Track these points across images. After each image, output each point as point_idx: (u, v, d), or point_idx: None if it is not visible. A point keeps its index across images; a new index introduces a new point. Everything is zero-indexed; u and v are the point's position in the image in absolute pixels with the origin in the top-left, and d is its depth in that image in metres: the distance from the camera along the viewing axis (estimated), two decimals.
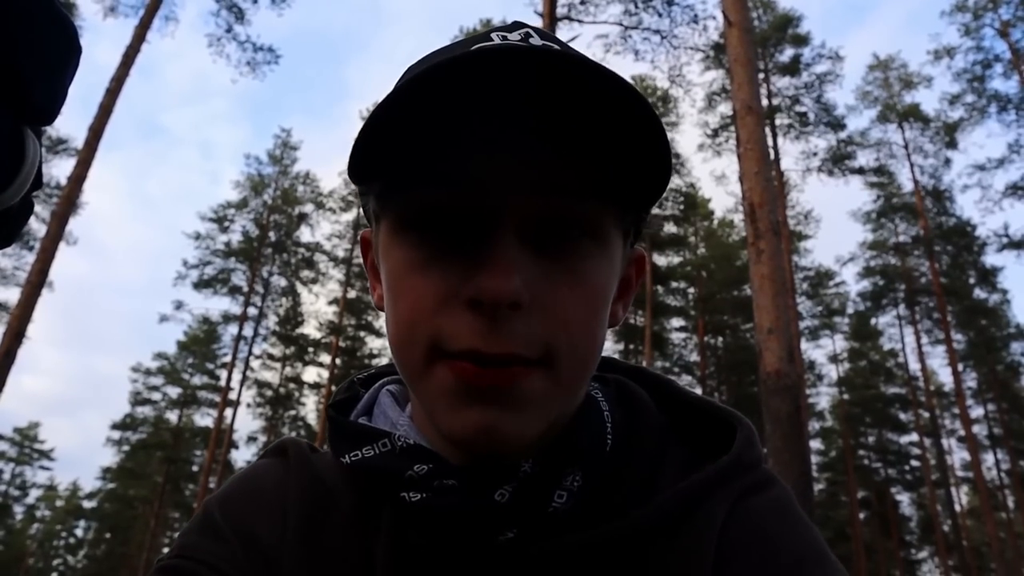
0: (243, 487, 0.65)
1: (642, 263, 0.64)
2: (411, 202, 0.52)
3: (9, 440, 48.28)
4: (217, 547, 0.59)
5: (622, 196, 0.53)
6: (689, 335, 32.75)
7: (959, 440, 33.02)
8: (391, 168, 0.52)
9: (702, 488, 0.55)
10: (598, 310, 0.53)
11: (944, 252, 29.92)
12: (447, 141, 0.49)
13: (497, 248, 0.49)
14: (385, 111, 0.46)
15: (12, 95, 0.36)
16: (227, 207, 33.12)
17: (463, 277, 0.49)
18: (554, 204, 0.50)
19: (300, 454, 0.66)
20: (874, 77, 31.52)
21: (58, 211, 14.77)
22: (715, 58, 23.71)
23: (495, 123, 0.49)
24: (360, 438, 0.59)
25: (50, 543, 54.86)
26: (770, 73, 27.34)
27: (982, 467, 27.80)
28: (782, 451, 7.21)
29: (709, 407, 0.65)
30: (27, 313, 13.51)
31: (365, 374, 0.74)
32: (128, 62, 15.74)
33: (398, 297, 0.53)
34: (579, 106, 0.47)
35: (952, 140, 28.52)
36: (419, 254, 0.52)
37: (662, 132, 0.47)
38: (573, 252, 0.51)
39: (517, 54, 0.45)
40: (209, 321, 34.04)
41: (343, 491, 0.61)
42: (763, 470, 0.59)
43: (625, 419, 0.61)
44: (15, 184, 0.39)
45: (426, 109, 0.47)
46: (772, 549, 0.52)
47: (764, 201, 8.49)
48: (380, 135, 0.48)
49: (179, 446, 36.25)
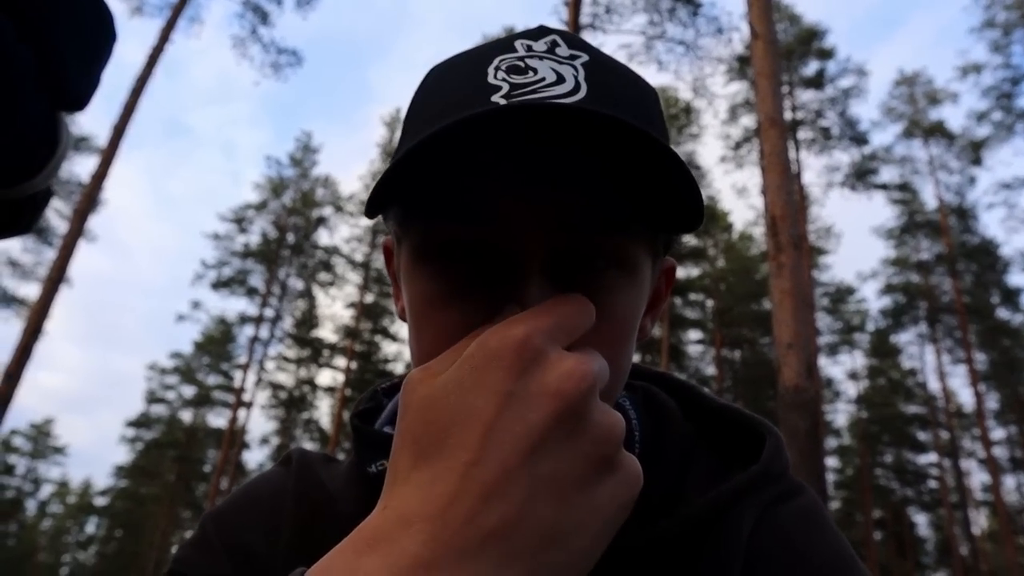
0: (240, 499, 0.66)
1: (671, 273, 0.63)
2: (430, 233, 0.50)
3: (24, 435, 48.75)
4: (206, 559, 0.61)
5: (654, 224, 0.51)
6: (706, 348, 32.51)
7: (979, 462, 32.49)
8: (409, 195, 0.50)
9: (730, 497, 0.54)
10: (626, 340, 0.52)
11: (967, 271, 29.56)
12: (470, 177, 0.48)
13: (522, 289, 0.47)
14: (406, 159, 0.45)
15: (50, 80, 0.35)
16: (246, 208, 33.32)
17: (486, 318, 0.47)
18: (579, 240, 0.48)
19: (303, 462, 0.67)
20: (900, 92, 31.27)
21: (79, 208, 14.86)
22: (739, 70, 23.58)
23: (517, 162, 0.47)
24: (386, 447, 0.58)
25: (61, 539, 55.27)
26: (794, 86, 27.16)
27: (1002, 490, 27.37)
28: (798, 467, 7.10)
29: (737, 415, 0.64)
30: (45, 309, 13.59)
31: (388, 383, 0.74)
32: (152, 62, 15.85)
33: (420, 332, 0.52)
34: (602, 145, 0.46)
35: (978, 157, 28.21)
36: (439, 288, 0.50)
37: (693, 183, 0.45)
38: (599, 286, 0.49)
39: (546, 112, 0.43)
40: (225, 322, 34.25)
41: (348, 498, 0.62)
42: (791, 479, 0.59)
43: (652, 427, 0.62)
44: (48, 169, 0.38)
45: (445, 152, 0.46)
46: (799, 558, 0.52)
47: (786, 214, 8.38)
48: (399, 169, 0.46)
49: (192, 446, 36.41)
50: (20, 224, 0.41)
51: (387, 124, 34.34)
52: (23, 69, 0.34)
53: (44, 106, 0.36)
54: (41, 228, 24.21)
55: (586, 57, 0.52)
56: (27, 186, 0.38)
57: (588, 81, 0.50)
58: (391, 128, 34.12)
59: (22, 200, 0.39)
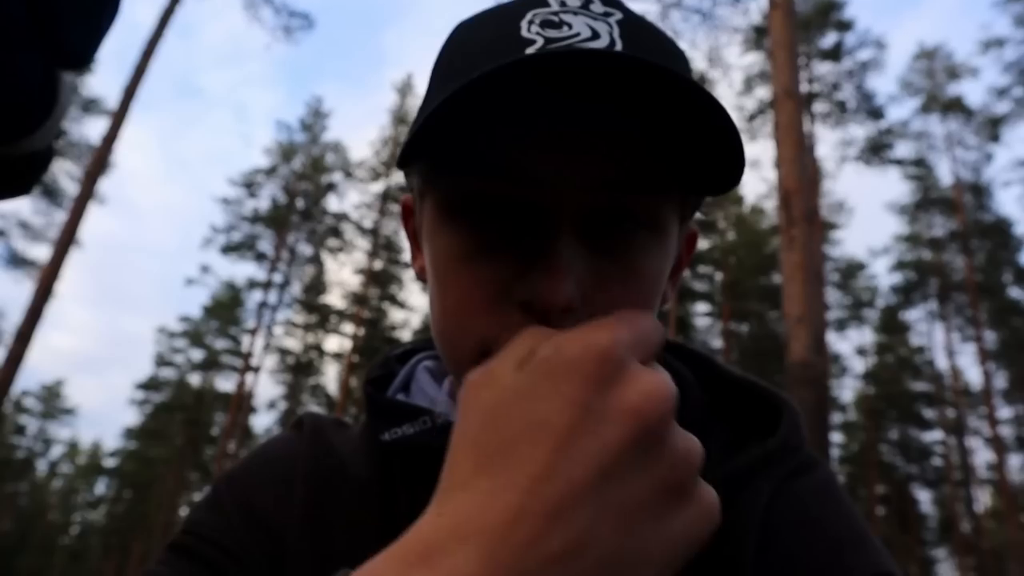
0: (252, 463, 0.66)
1: (693, 240, 0.63)
2: (460, 187, 0.49)
3: (35, 396, 49.30)
4: (219, 522, 0.60)
5: (687, 185, 0.51)
6: (714, 321, 32.48)
7: (985, 440, 32.50)
8: (439, 149, 0.49)
9: (748, 469, 0.54)
10: (651, 301, 0.51)
11: (980, 249, 29.32)
12: (501, 132, 0.47)
13: (552, 247, 0.46)
14: (439, 111, 0.44)
15: (47, 37, 0.34)
16: (256, 173, 33.25)
17: (516, 275, 0.47)
18: (610, 199, 0.48)
19: (315, 427, 0.67)
20: (919, 66, 30.79)
21: (89, 170, 14.85)
22: (756, 40, 23.23)
23: (552, 116, 0.46)
24: (399, 415, 0.59)
25: (71, 499, 56.14)
26: (811, 58, 26.78)
27: (1006, 468, 27.40)
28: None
29: (753, 387, 0.63)
30: (56, 271, 13.65)
31: (400, 350, 0.73)
32: (163, 23, 15.74)
33: (446, 288, 0.51)
34: (641, 102, 0.45)
35: (996, 134, 27.84)
36: (468, 244, 0.49)
37: (734, 129, 0.43)
38: (628, 246, 0.49)
39: (580, 57, 0.42)
40: (234, 287, 34.34)
41: (359, 463, 0.62)
42: (807, 452, 0.59)
43: None
44: (44, 127, 0.37)
45: (479, 103, 0.44)
46: (815, 530, 0.53)
47: (799, 188, 8.31)
48: (432, 122, 0.45)
49: (200, 409, 36.71)
50: (20, 184, 0.40)
51: (399, 90, 34.10)
52: (11, 21, 0.33)
53: (38, 61, 0.35)
54: (52, 190, 24.23)
55: (620, 15, 0.51)
56: (24, 144, 0.37)
57: (623, 38, 0.49)
58: (403, 94, 33.88)
59: (20, 159, 0.39)
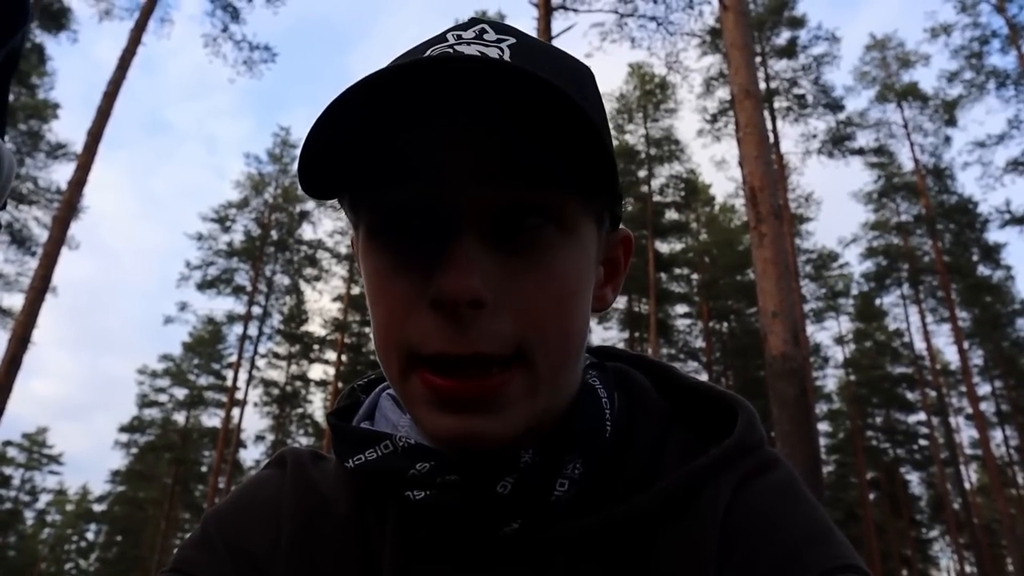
0: (239, 500, 0.66)
1: (629, 243, 0.65)
2: (376, 208, 0.53)
3: (18, 446, 48.50)
4: (208, 560, 0.60)
5: (579, 183, 0.52)
6: (694, 321, 32.74)
7: (967, 418, 33.00)
8: (355, 178, 0.52)
9: (705, 471, 0.55)
10: (570, 299, 0.53)
11: (947, 230, 29.85)
12: (397, 145, 0.50)
13: (454, 247, 0.49)
14: (327, 124, 0.47)
15: None
16: (228, 207, 33.14)
17: (425, 280, 0.49)
18: (509, 195, 0.50)
19: (297, 463, 0.67)
20: (872, 57, 31.42)
21: (59, 216, 14.79)
22: (712, 43, 23.63)
23: (438, 123, 0.49)
24: (362, 442, 0.59)
25: (62, 547, 55.12)
26: (767, 56, 27.24)
27: (991, 444, 27.83)
28: (790, 434, 7.22)
29: (710, 391, 0.64)
30: (31, 319, 13.56)
31: (365, 380, 0.75)
32: (125, 65, 15.75)
33: (374, 305, 0.54)
34: (518, 106, 0.47)
35: (952, 118, 28.41)
36: (387, 260, 0.52)
37: (593, 129, 0.46)
38: (535, 243, 0.51)
39: (450, 64, 0.46)
40: (214, 321, 34.12)
41: (339, 497, 0.62)
42: (766, 451, 0.59)
43: (624, 405, 0.61)
44: None
45: (372, 118, 0.48)
46: (776, 530, 0.52)
47: (765, 185, 8.49)
48: (332, 149, 0.49)
49: (187, 447, 36.36)
50: None
51: None
52: None
53: None
54: (22, 237, 24.03)
55: (513, 40, 0.54)
56: None
57: (513, 57, 0.52)
58: None
59: None
